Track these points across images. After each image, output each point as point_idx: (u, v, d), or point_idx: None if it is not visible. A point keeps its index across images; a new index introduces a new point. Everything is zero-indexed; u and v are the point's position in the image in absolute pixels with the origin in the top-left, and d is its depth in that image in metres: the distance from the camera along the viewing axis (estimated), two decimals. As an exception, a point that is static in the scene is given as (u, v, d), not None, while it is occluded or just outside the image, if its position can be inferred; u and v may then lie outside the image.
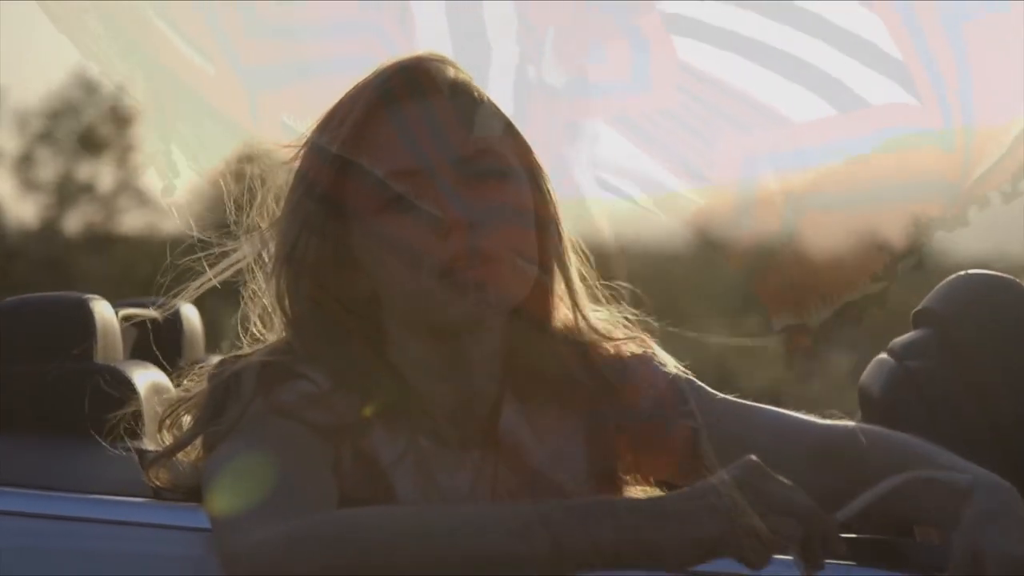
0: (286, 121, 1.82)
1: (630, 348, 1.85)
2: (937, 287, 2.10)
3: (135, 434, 1.97)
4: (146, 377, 2.12)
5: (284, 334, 1.80)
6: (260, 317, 1.84)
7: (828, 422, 1.82)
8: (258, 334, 1.84)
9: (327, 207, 1.75)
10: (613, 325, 1.85)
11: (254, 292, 1.84)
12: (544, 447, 1.78)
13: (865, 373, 2.12)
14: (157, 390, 2.16)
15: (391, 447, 1.74)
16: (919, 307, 2.11)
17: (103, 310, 2.13)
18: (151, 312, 3.12)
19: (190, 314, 3.31)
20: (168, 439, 1.80)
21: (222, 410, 1.71)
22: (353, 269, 1.76)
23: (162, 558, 1.77)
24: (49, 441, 1.96)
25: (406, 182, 1.72)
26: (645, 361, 1.85)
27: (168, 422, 1.81)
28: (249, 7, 1.80)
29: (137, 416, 2.00)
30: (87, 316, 2.07)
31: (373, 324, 1.78)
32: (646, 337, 1.86)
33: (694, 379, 1.86)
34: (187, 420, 1.79)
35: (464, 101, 1.76)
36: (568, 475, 1.78)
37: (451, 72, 1.78)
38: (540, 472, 1.75)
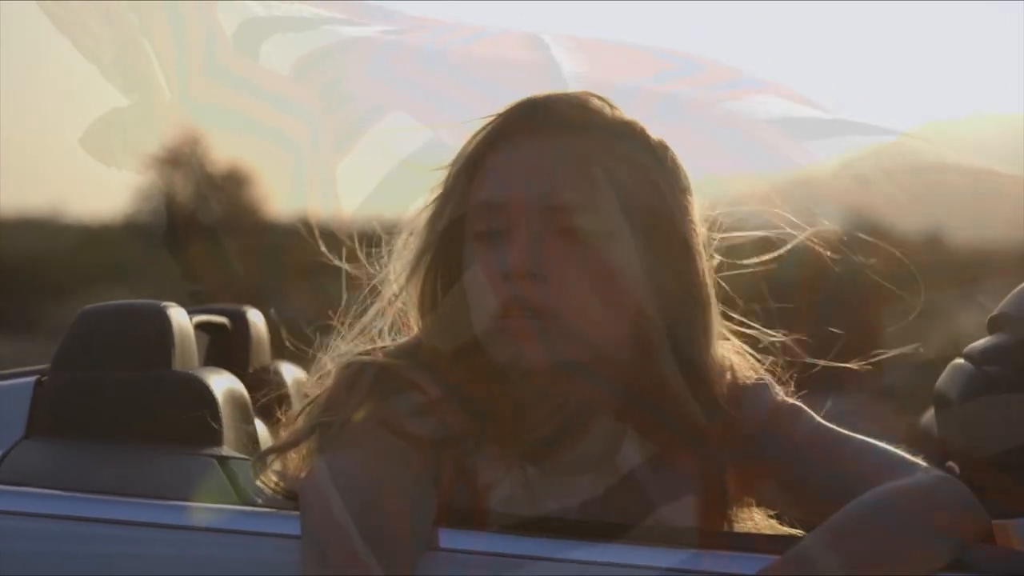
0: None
1: (747, 373, 1.85)
2: (1013, 292, 2.09)
3: (216, 441, 1.99)
4: (222, 383, 2.14)
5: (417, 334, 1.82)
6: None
7: (916, 473, 1.78)
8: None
9: (452, 220, 1.77)
10: (739, 354, 1.85)
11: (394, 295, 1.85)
12: (657, 479, 1.78)
13: (941, 378, 2.11)
14: (233, 397, 2.17)
15: (494, 467, 1.74)
16: (995, 312, 2.10)
17: (180, 317, 2.14)
18: (222, 319, 3.15)
19: (256, 320, 3.33)
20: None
21: (337, 408, 1.73)
22: None
23: (246, 563, 1.78)
24: (130, 449, 1.97)
25: (497, 216, 1.72)
26: (759, 389, 1.84)
27: (287, 420, 1.83)
28: (210, 55, 1.84)
29: (216, 423, 2.01)
30: (165, 324, 2.08)
31: None
32: (759, 366, 1.85)
33: (803, 408, 1.85)
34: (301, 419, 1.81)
35: (576, 148, 1.73)
36: (678, 510, 1.77)
37: (582, 114, 1.76)
38: (651, 504, 1.75)
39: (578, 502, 1.74)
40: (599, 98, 1.79)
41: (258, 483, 1.81)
